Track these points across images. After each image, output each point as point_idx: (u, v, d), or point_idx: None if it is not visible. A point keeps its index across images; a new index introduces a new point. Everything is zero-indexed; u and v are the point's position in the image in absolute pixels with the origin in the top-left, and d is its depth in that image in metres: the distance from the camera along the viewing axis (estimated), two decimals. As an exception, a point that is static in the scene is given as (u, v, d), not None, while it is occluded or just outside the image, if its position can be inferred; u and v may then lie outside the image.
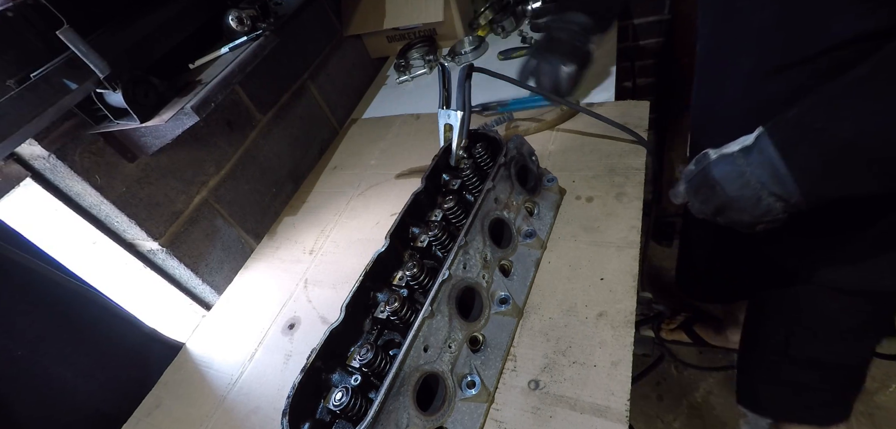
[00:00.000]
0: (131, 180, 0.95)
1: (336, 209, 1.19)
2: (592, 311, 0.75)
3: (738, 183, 0.57)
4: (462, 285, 0.76)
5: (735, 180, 0.58)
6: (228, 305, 1.09)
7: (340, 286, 0.99)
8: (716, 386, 1.56)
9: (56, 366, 0.85)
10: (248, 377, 0.91)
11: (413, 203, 0.85)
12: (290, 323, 0.97)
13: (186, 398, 0.93)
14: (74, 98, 0.78)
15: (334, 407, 0.64)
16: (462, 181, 0.90)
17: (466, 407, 0.68)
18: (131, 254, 1.01)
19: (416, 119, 1.38)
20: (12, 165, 0.84)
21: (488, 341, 0.75)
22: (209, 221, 1.10)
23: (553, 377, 0.70)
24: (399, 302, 0.71)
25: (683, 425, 1.52)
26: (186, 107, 0.82)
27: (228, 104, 1.16)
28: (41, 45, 0.75)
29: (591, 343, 0.71)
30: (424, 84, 1.51)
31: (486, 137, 0.95)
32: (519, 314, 0.79)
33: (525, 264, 0.84)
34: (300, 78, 1.38)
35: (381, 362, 0.67)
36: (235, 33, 0.98)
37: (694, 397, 1.56)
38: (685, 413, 1.54)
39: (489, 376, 0.72)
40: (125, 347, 0.96)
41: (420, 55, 1.54)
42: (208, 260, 1.09)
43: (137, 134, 0.92)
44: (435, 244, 0.81)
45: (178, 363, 1.01)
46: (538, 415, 0.67)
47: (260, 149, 1.23)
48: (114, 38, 0.82)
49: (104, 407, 0.91)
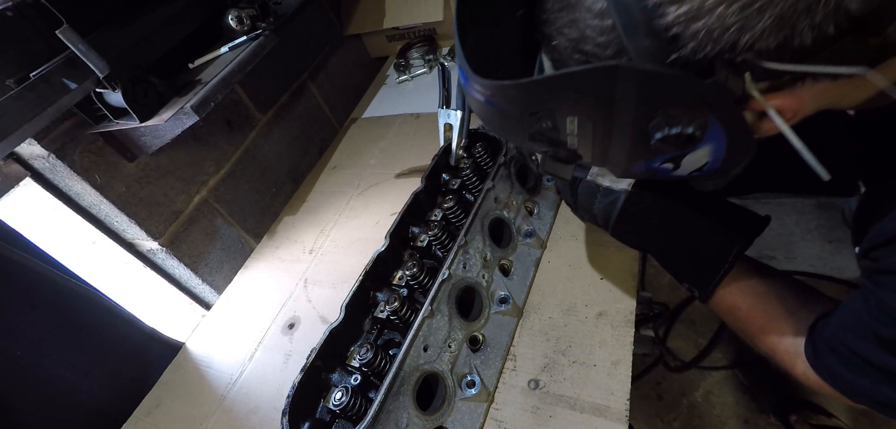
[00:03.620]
0: (131, 180, 0.95)
1: (336, 209, 1.19)
2: (592, 310, 0.75)
3: (586, 199, 0.76)
4: (462, 285, 0.76)
5: (586, 197, 0.75)
6: (228, 304, 1.09)
7: (340, 286, 0.99)
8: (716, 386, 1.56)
9: (56, 366, 0.85)
10: (248, 377, 0.91)
11: (413, 203, 0.85)
12: (289, 323, 0.97)
13: (186, 398, 0.93)
14: (74, 98, 0.78)
15: (334, 407, 0.64)
16: (462, 181, 0.90)
17: (466, 407, 0.68)
18: (131, 253, 1.01)
19: (415, 119, 1.38)
20: (12, 165, 0.84)
21: (488, 340, 0.75)
22: (209, 220, 1.10)
23: (553, 377, 0.70)
24: (399, 302, 0.71)
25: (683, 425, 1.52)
26: (186, 106, 0.82)
27: (228, 104, 1.16)
28: (41, 45, 0.75)
29: (591, 343, 0.71)
30: (424, 84, 1.51)
31: (485, 136, 0.95)
32: (519, 314, 0.78)
33: (525, 264, 0.84)
34: (300, 77, 1.38)
35: (380, 361, 0.67)
36: (235, 33, 0.98)
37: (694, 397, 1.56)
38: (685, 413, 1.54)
39: (489, 375, 0.71)
40: (125, 346, 0.96)
41: (420, 55, 1.54)
42: (208, 260, 1.09)
43: (137, 133, 0.92)
44: (435, 244, 0.81)
45: (177, 363, 1.00)
46: (538, 415, 0.67)
47: (260, 148, 1.23)
48: (113, 37, 0.82)
49: (104, 407, 0.91)
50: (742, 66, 0.35)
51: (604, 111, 0.41)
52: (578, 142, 0.46)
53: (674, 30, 0.34)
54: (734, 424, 1.45)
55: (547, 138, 0.47)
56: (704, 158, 0.42)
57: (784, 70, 0.34)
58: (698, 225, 0.65)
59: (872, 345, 0.44)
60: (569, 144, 0.46)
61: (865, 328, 0.45)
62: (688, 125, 0.37)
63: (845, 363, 0.48)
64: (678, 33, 0.34)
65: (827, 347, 0.50)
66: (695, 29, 0.34)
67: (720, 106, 0.36)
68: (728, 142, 0.40)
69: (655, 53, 0.36)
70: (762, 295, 0.62)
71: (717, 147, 0.41)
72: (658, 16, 0.34)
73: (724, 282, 0.63)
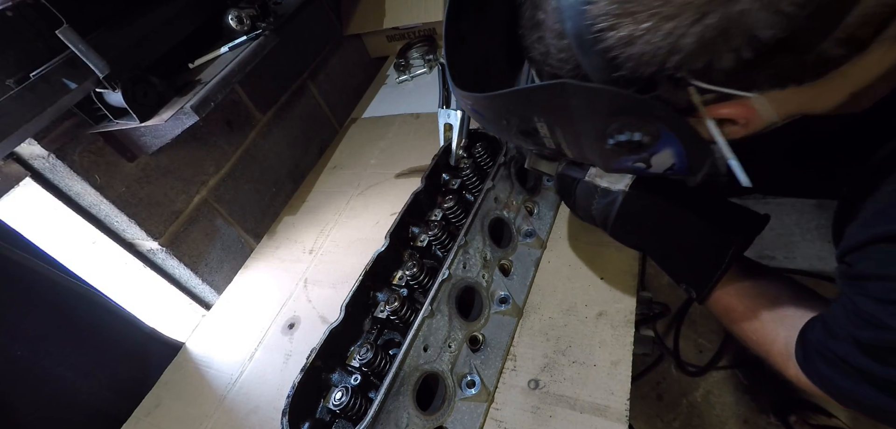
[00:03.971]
0: (131, 180, 0.95)
1: (336, 209, 1.19)
2: (592, 310, 0.75)
3: (584, 199, 0.77)
4: (462, 285, 0.76)
5: (584, 197, 0.76)
6: (228, 304, 1.09)
7: (340, 286, 0.99)
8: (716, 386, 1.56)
9: (56, 366, 0.85)
10: (248, 377, 0.91)
11: (413, 203, 0.85)
12: (289, 323, 0.97)
13: (186, 398, 0.93)
14: (74, 98, 0.78)
15: (334, 407, 0.64)
16: (462, 181, 0.90)
17: (466, 407, 0.68)
18: (131, 253, 1.00)
19: (415, 119, 1.38)
20: (12, 165, 0.84)
21: (488, 340, 0.75)
22: (209, 220, 1.10)
23: (553, 377, 0.70)
24: (399, 302, 0.71)
25: (683, 425, 1.52)
26: (186, 106, 0.82)
27: (228, 104, 1.16)
28: (41, 45, 0.75)
29: (591, 343, 0.71)
30: (424, 84, 1.51)
31: (485, 136, 0.95)
32: (519, 314, 0.78)
33: (525, 264, 0.84)
34: (300, 77, 1.38)
35: (380, 361, 0.68)
36: (235, 33, 0.98)
37: (694, 397, 1.56)
38: (685, 413, 1.54)
39: (489, 375, 0.71)
40: (125, 346, 0.96)
41: (420, 55, 1.54)
42: (208, 260, 1.09)
43: (137, 133, 0.92)
44: (435, 244, 0.81)
45: (177, 363, 1.00)
46: (538, 414, 0.67)
47: (260, 148, 1.23)
48: (113, 37, 0.82)
49: (104, 407, 0.91)
50: (682, 82, 0.39)
51: (565, 118, 0.47)
52: (555, 142, 0.51)
53: (613, 53, 0.39)
54: (734, 424, 1.46)
55: (530, 138, 0.52)
56: (670, 159, 0.47)
57: (706, 88, 0.39)
58: (696, 226, 0.66)
59: (852, 348, 0.46)
60: (547, 144, 0.52)
61: (844, 332, 0.47)
62: (635, 133, 0.43)
63: (831, 366, 0.49)
64: (617, 55, 0.39)
65: (814, 350, 0.52)
66: (631, 52, 0.38)
67: (665, 116, 0.41)
68: (683, 147, 0.44)
69: (603, 71, 0.40)
70: (758, 297, 0.62)
71: (676, 151, 0.45)
72: (601, 41, 0.39)
73: (720, 283, 0.64)
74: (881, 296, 0.43)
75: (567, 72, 0.44)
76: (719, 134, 0.42)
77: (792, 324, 0.57)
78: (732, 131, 0.44)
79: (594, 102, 0.43)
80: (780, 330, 0.59)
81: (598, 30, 0.38)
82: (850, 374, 0.47)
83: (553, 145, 0.52)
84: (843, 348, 0.47)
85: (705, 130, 0.42)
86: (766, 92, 0.40)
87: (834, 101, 0.44)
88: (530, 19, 0.47)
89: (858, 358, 0.45)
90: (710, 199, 0.67)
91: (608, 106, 0.43)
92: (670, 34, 0.36)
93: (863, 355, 0.45)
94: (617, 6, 0.37)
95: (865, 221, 0.44)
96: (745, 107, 0.41)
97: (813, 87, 0.40)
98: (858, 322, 0.45)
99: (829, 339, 0.49)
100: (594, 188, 0.75)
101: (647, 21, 0.36)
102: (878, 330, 0.43)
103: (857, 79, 0.41)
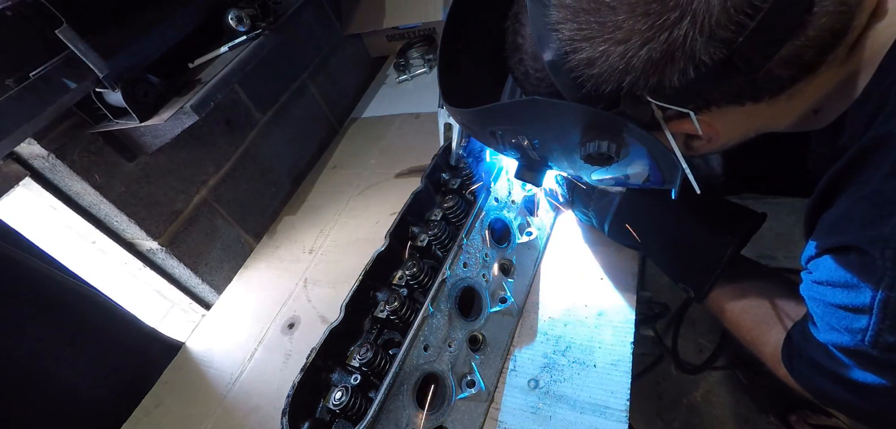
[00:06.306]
0: (131, 180, 0.95)
1: (336, 209, 1.19)
2: (592, 311, 0.75)
3: (583, 200, 0.80)
4: (462, 285, 0.76)
5: (583, 198, 0.79)
6: (228, 304, 1.09)
7: (340, 286, 0.99)
8: (715, 386, 1.56)
9: (56, 365, 0.85)
10: (248, 377, 0.91)
11: (413, 202, 0.85)
12: (289, 322, 0.97)
13: (186, 398, 0.93)
14: (73, 97, 0.78)
15: (334, 406, 0.64)
16: (462, 181, 0.90)
17: (466, 406, 0.68)
18: (131, 253, 1.00)
19: (415, 118, 1.38)
20: (11, 165, 0.84)
21: (488, 340, 0.75)
22: (209, 220, 1.10)
23: (553, 377, 0.70)
24: (399, 301, 0.71)
25: (683, 424, 1.52)
26: (186, 106, 0.82)
27: (228, 103, 1.15)
28: (40, 45, 0.75)
29: (591, 343, 0.71)
30: (424, 83, 1.51)
31: (485, 136, 0.95)
32: (519, 314, 0.78)
33: (525, 264, 0.84)
34: (300, 77, 1.38)
35: (380, 361, 0.67)
36: (235, 32, 0.98)
37: (694, 397, 1.56)
38: (685, 413, 1.54)
39: (489, 375, 0.71)
40: (125, 346, 0.96)
41: (420, 54, 1.54)
42: (208, 259, 1.09)
43: (137, 133, 0.92)
44: (435, 244, 0.80)
45: (177, 363, 1.00)
46: (538, 414, 0.67)
47: (259, 148, 1.23)
48: (113, 36, 0.82)
49: (104, 406, 0.91)
50: (642, 99, 0.43)
51: (543, 132, 0.52)
52: (538, 155, 0.56)
53: (577, 72, 0.43)
54: (734, 424, 1.46)
55: (518, 150, 0.57)
56: (643, 172, 0.52)
57: (662, 106, 0.43)
58: (693, 226, 0.66)
59: (821, 350, 0.48)
60: (531, 156, 0.57)
61: (814, 336, 0.49)
62: (602, 145, 0.46)
63: (809, 367, 0.51)
64: (580, 75, 0.43)
65: (796, 351, 0.54)
66: (591, 73, 0.42)
67: (629, 129, 0.44)
68: (652, 159, 0.48)
69: (573, 89, 0.45)
70: (754, 296, 0.63)
71: (647, 163, 0.49)
72: (566, 61, 0.43)
73: (719, 283, 0.64)
74: (836, 302, 0.45)
75: (544, 90, 0.49)
76: (674, 143, 0.46)
77: (783, 325, 0.59)
78: (700, 145, 0.49)
79: (564, 117, 0.48)
80: (772, 331, 0.60)
81: (563, 53, 0.43)
82: (826, 374, 0.49)
83: (538, 157, 0.57)
84: (815, 351, 0.49)
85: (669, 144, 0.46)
86: (724, 108, 0.44)
87: (793, 117, 0.48)
88: (512, 43, 0.52)
89: (828, 361, 0.48)
90: (706, 199, 0.67)
91: (576, 120, 0.47)
92: (623, 57, 0.40)
93: (829, 357, 0.48)
94: (577, 32, 0.42)
95: (821, 230, 0.48)
96: (705, 123, 0.45)
97: (770, 105, 0.44)
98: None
99: (805, 342, 0.51)
100: (592, 189, 0.76)
101: (602, 45, 0.40)
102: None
103: (811, 97, 0.45)
